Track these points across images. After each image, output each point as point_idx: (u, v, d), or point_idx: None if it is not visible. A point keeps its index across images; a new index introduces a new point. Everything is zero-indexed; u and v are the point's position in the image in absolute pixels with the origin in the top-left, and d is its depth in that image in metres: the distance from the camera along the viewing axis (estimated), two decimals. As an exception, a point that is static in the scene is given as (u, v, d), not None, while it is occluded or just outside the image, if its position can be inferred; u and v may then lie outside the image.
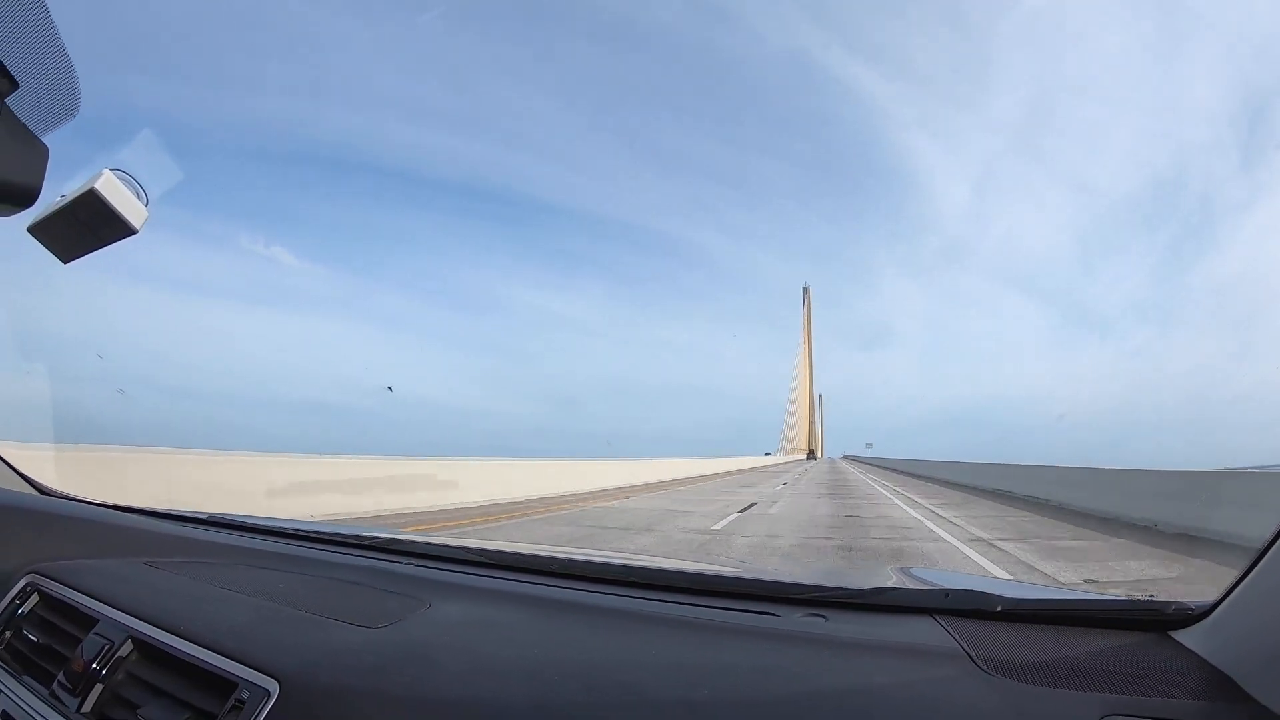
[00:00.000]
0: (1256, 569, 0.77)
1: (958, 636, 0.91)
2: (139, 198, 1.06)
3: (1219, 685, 0.76)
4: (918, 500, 13.96)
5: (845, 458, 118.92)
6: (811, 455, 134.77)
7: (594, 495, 14.83)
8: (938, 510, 11.49)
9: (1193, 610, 0.88)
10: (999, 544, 7.18)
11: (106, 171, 1.03)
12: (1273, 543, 0.75)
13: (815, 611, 1.04)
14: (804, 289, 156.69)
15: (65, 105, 0.83)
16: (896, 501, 13.62)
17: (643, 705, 0.82)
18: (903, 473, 33.52)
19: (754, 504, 12.47)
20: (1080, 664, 0.84)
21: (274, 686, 0.88)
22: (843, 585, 1.17)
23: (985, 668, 0.83)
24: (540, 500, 13.10)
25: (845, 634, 0.98)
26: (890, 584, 1.15)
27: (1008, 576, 5.25)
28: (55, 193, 1.10)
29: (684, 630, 1.02)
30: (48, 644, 1.16)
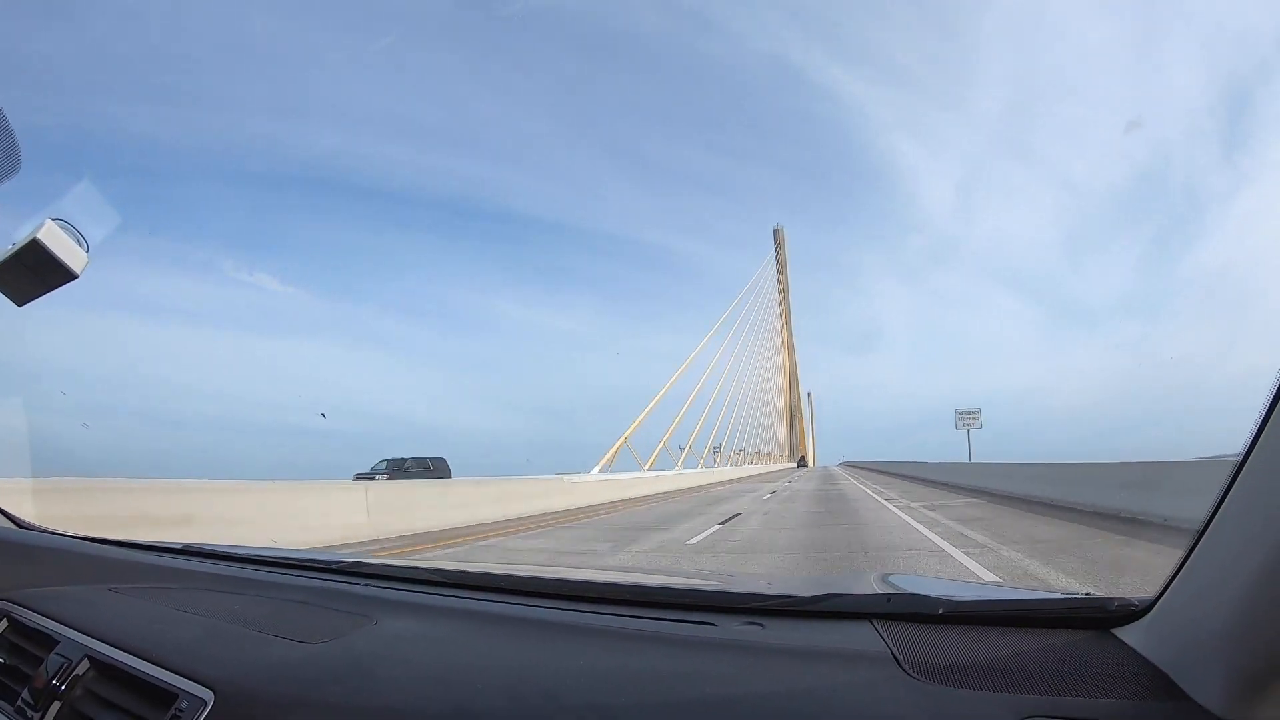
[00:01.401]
0: (1189, 561, 0.77)
1: (890, 641, 0.92)
2: (80, 244, 1.11)
3: (1154, 682, 0.76)
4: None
5: (845, 465, 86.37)
6: (802, 463, 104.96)
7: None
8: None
9: (1136, 606, 0.87)
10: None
11: (49, 221, 1.08)
12: (1202, 533, 0.75)
13: (753, 620, 1.06)
14: (775, 232, 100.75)
15: (8, 162, 0.88)
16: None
17: (560, 712, 0.85)
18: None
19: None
20: (1013, 664, 0.84)
21: (210, 697, 0.94)
22: (783, 593, 1.19)
23: (911, 671, 0.83)
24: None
25: (779, 641, 0.99)
26: (833, 590, 1.16)
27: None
28: (6, 241, 1.15)
29: (618, 641, 1.05)
30: (14, 665, 1.23)
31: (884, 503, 14.55)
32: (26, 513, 1.90)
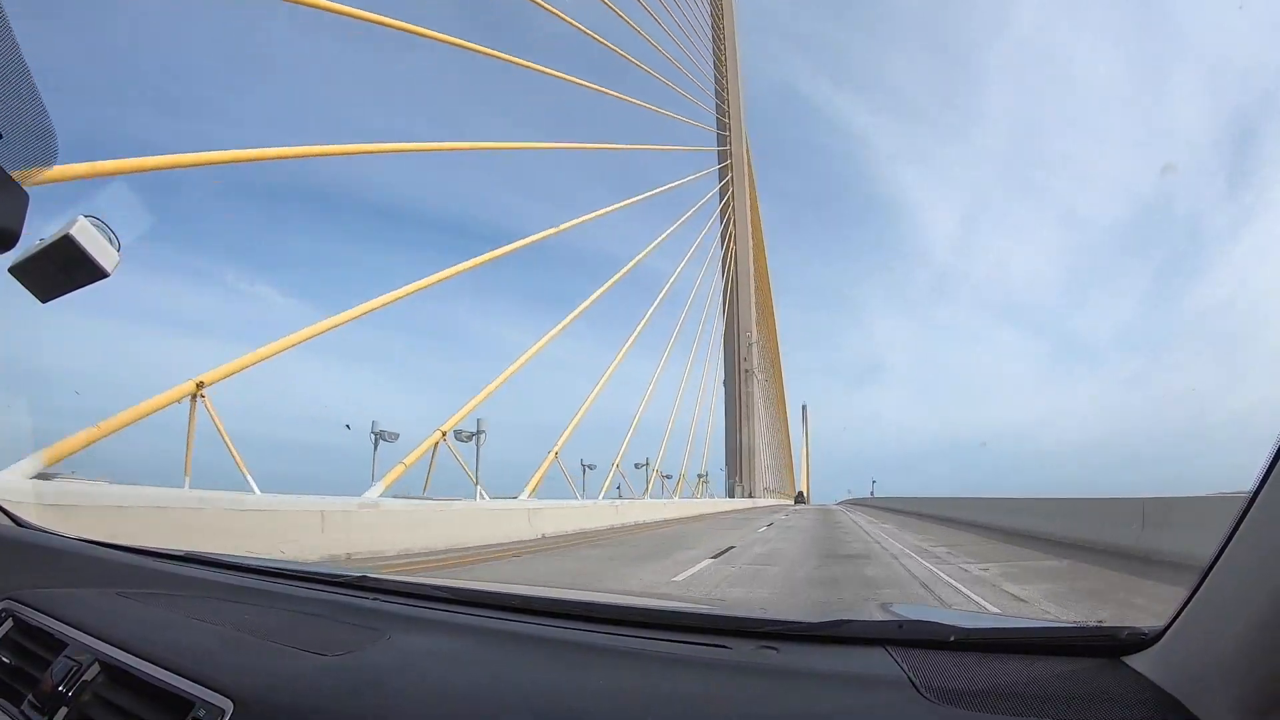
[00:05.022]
0: (1199, 591, 0.79)
1: (905, 666, 0.93)
2: (111, 243, 1.12)
3: (1165, 708, 0.77)
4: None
5: (852, 505, 54.42)
6: (800, 499, 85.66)
7: None
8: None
9: (1145, 634, 0.89)
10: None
11: (81, 218, 1.10)
12: (1213, 564, 0.76)
13: (768, 644, 1.06)
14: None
15: (44, 154, 0.90)
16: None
17: None
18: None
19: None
20: (1026, 690, 0.85)
21: (229, 706, 0.92)
22: (797, 619, 1.19)
23: (929, 696, 0.84)
24: None
25: (795, 665, 1.00)
26: (845, 616, 1.16)
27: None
28: (35, 236, 1.17)
29: (636, 662, 1.05)
30: (20, 667, 1.20)
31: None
32: (27, 512, 1.90)
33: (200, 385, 9.68)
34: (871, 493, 65.94)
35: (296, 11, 12.19)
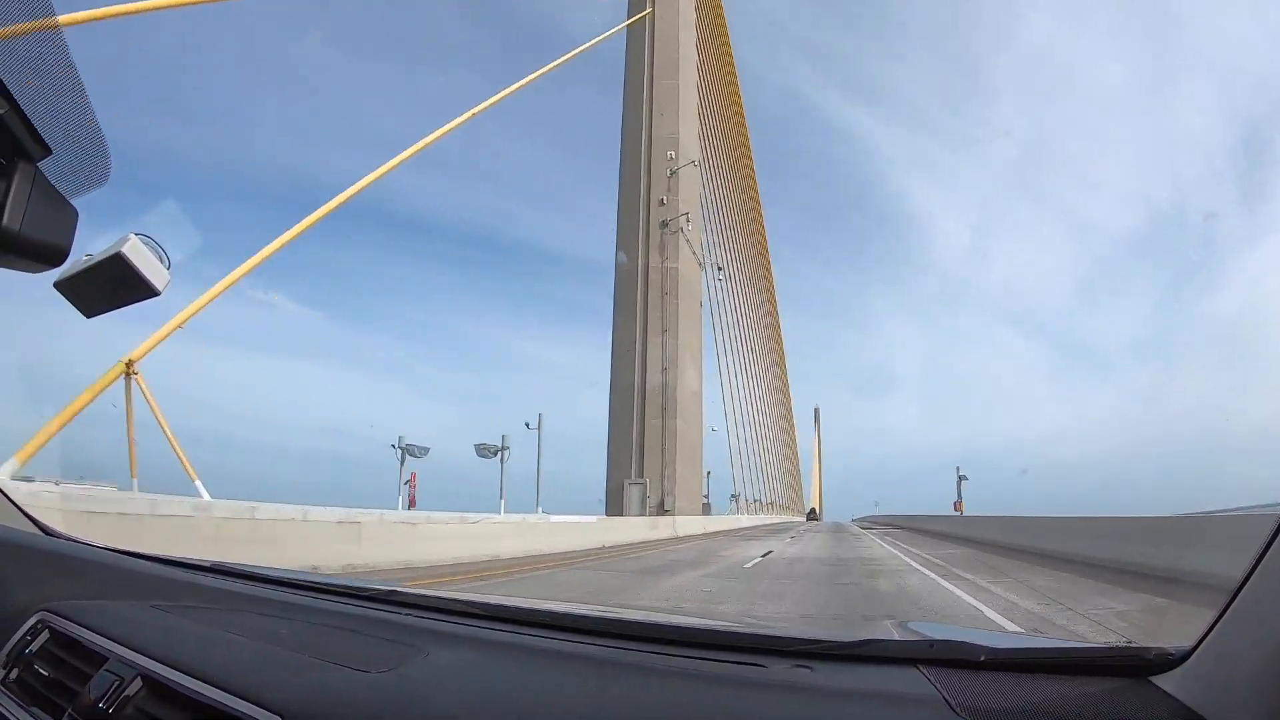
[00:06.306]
0: (1228, 612, 0.79)
1: (939, 686, 0.93)
2: (162, 261, 1.13)
3: None
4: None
5: (867, 522, 48.31)
6: (812, 515, 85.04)
7: None
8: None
9: (1173, 655, 0.89)
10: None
11: (133, 236, 1.11)
12: (1243, 584, 0.77)
13: (802, 663, 1.06)
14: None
15: (96, 172, 0.90)
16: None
17: None
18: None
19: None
20: (1057, 710, 0.86)
21: None
22: (830, 638, 1.20)
23: (962, 715, 0.85)
24: None
25: (830, 684, 1.01)
26: (877, 636, 1.16)
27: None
28: (81, 251, 1.17)
29: (672, 681, 1.05)
30: (58, 679, 1.20)
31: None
32: (55, 521, 1.91)
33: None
34: (956, 503, 37.49)
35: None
